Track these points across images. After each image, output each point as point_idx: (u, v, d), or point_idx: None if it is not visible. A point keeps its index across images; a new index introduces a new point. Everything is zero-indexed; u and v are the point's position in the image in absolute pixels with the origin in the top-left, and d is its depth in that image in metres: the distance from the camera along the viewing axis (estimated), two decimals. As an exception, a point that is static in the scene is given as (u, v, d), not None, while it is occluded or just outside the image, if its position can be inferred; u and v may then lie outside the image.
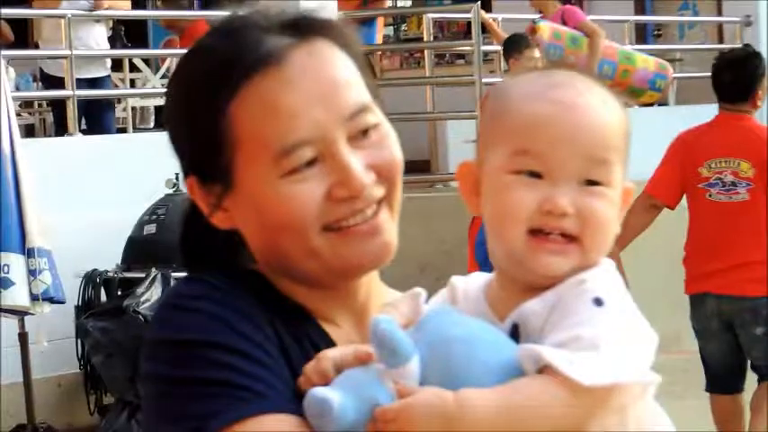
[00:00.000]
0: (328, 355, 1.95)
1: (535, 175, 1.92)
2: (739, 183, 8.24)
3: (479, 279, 2.06)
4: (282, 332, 2.04)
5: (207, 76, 2.08)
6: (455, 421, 1.78)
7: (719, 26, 17.04)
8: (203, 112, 2.07)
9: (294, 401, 1.93)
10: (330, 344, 2.03)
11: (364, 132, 2.06)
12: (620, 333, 1.84)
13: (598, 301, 1.86)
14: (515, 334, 1.89)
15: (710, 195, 8.36)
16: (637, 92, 13.56)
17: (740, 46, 9.23)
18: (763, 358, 8.31)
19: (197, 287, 2.09)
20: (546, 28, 12.97)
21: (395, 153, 2.10)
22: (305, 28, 2.10)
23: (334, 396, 1.85)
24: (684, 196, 8.60)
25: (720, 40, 17.06)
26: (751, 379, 8.55)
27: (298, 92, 2.03)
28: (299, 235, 2.06)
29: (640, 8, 17.55)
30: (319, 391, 1.87)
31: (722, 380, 8.50)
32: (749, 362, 8.41)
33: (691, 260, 8.62)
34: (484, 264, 7.22)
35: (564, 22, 13.12)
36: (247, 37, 2.08)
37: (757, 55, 8.76)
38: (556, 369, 1.76)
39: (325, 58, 2.08)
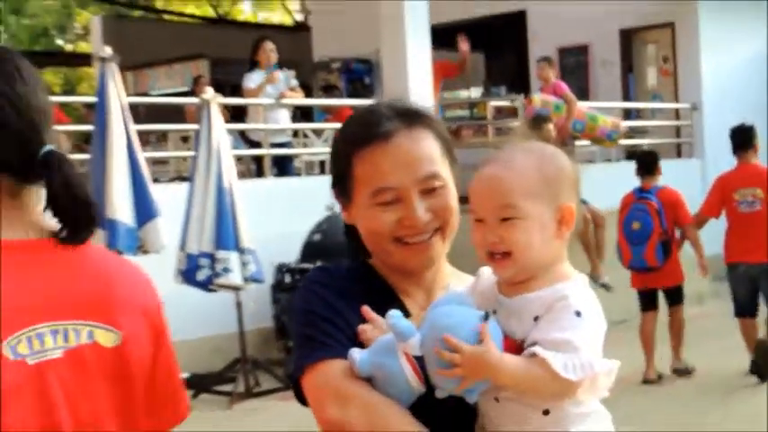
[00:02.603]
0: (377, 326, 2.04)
1: (480, 220, 2.00)
2: (756, 201, 9.23)
3: None
4: (366, 303, 2.09)
5: (346, 139, 2.21)
6: (493, 366, 1.86)
7: (677, 110, 16.83)
8: (341, 159, 2.20)
9: None
10: (407, 314, 2.05)
11: (432, 189, 2.13)
12: (592, 337, 1.91)
13: (578, 314, 1.90)
14: (487, 317, 1.91)
15: (740, 209, 9.32)
16: (600, 140, 13.56)
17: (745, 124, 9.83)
18: None
19: (319, 274, 2.22)
20: (538, 99, 12.87)
21: (449, 203, 2.15)
22: (411, 117, 2.18)
23: (356, 355, 1.96)
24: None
25: (677, 118, 16.88)
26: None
27: (393, 159, 2.12)
28: (380, 240, 2.16)
29: (626, 97, 17.38)
30: (352, 351, 1.97)
31: (745, 308, 9.33)
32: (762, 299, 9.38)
33: (728, 245, 9.46)
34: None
35: (555, 91, 13.08)
36: (372, 119, 2.18)
37: (750, 128, 9.60)
38: (556, 372, 1.85)
39: (417, 140, 2.14)
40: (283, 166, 12.66)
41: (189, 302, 9.57)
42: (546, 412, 1.93)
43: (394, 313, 1.94)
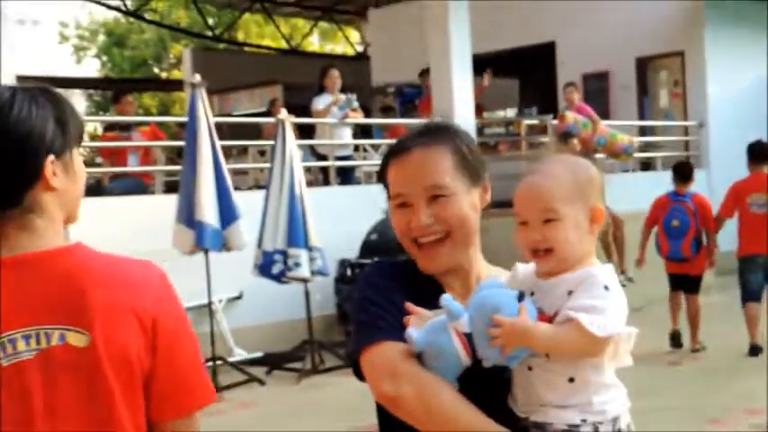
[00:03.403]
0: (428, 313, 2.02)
1: (524, 223, 2.01)
2: (765, 204, 9.40)
3: (532, 264, 2.09)
4: (416, 297, 2.07)
5: (386, 154, 2.22)
6: (529, 333, 1.88)
7: (685, 127, 16.66)
8: (382, 171, 2.21)
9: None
10: None
11: (435, 197, 2.11)
12: (616, 306, 1.92)
13: (606, 287, 1.93)
14: (521, 296, 1.94)
15: (751, 210, 9.51)
16: (617, 154, 13.47)
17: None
18: None
19: (374, 268, 2.21)
20: (569, 116, 12.91)
21: (453, 211, 2.12)
22: (431, 135, 2.17)
23: (413, 334, 1.95)
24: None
25: (686, 134, 16.72)
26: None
27: (406, 170, 2.14)
28: (402, 238, 2.17)
29: (641, 116, 17.22)
30: (409, 330, 1.96)
31: (755, 294, 9.40)
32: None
33: (742, 241, 9.56)
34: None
35: (579, 112, 13.05)
36: (403, 137, 2.21)
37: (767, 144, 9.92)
38: (585, 327, 1.86)
39: (430, 154, 2.13)
40: (346, 176, 12.67)
41: (265, 293, 9.63)
42: (571, 380, 1.93)
43: (446, 296, 1.93)
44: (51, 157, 1.86)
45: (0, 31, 9.55)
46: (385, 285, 2.12)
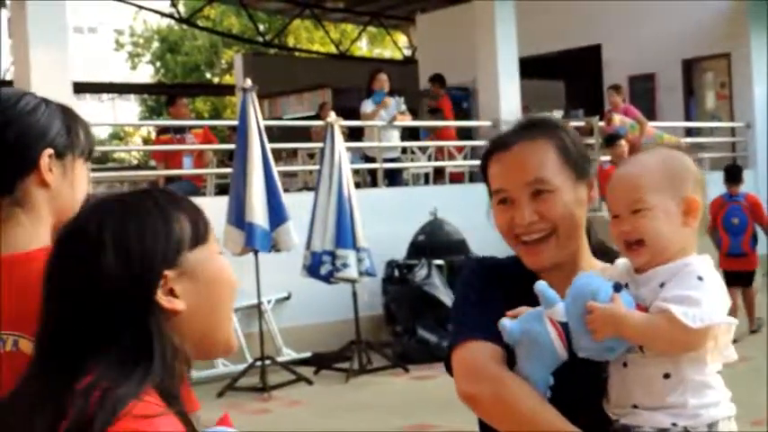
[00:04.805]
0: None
1: (616, 216, 1.95)
2: None
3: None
4: (515, 296, 1.99)
5: (485, 152, 2.14)
6: (621, 319, 1.80)
7: (732, 128, 16.47)
8: (482, 170, 2.15)
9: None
10: None
11: (538, 192, 2.03)
12: (711, 296, 1.82)
13: (700, 278, 1.84)
14: (618, 287, 1.85)
15: None
16: (663, 156, 13.40)
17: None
18: None
19: (475, 265, 2.19)
20: (617, 118, 12.86)
21: (556, 207, 2.03)
22: (531, 128, 2.10)
23: (507, 323, 1.88)
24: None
25: (733, 135, 16.53)
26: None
27: (508, 165, 2.06)
28: (505, 236, 2.09)
29: (688, 117, 17.06)
30: (503, 321, 1.89)
31: None
32: None
33: None
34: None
35: (626, 113, 12.96)
36: (500, 133, 2.14)
37: None
38: (677, 318, 1.77)
39: (533, 149, 2.05)
40: (393, 178, 12.66)
41: (313, 293, 9.64)
42: (666, 375, 1.84)
43: (541, 282, 1.89)
44: (50, 151, 1.85)
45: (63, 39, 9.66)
46: (481, 285, 2.09)
